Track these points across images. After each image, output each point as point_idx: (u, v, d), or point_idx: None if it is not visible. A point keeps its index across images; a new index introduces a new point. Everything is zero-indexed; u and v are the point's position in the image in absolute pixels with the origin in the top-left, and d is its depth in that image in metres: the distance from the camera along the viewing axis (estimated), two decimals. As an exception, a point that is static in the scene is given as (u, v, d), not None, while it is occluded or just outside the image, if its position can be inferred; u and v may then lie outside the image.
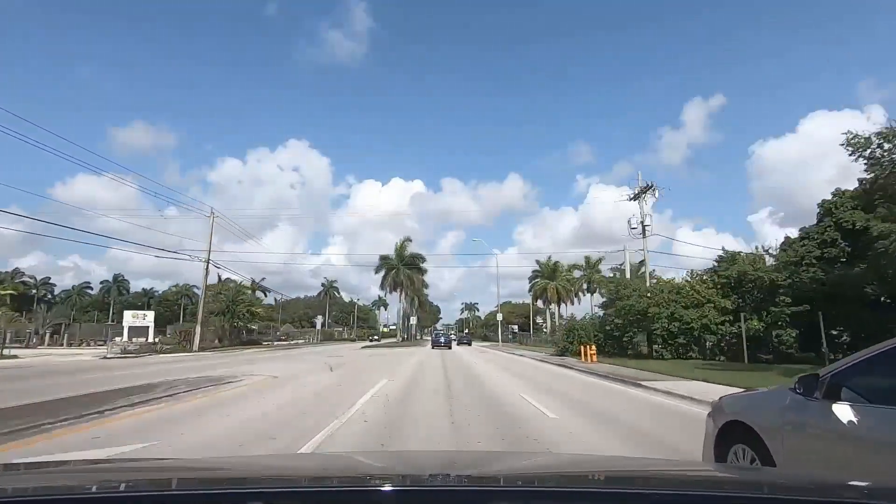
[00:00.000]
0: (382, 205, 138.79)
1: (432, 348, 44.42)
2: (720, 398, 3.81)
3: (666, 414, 7.84)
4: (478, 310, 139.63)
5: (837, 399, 2.83)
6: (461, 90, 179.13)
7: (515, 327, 75.13)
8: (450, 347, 43.00)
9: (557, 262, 62.07)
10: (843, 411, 2.68)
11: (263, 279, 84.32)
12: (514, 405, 8.30)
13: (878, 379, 2.81)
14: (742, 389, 5.47)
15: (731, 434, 3.45)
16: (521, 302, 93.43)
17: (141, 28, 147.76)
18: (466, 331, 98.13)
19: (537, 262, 68.22)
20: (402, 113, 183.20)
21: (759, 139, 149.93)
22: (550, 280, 61.58)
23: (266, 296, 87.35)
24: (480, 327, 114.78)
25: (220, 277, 76.72)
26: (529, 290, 68.38)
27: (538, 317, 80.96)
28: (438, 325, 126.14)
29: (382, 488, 1.18)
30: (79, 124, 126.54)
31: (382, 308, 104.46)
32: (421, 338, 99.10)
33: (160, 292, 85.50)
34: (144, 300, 76.76)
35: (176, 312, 78.70)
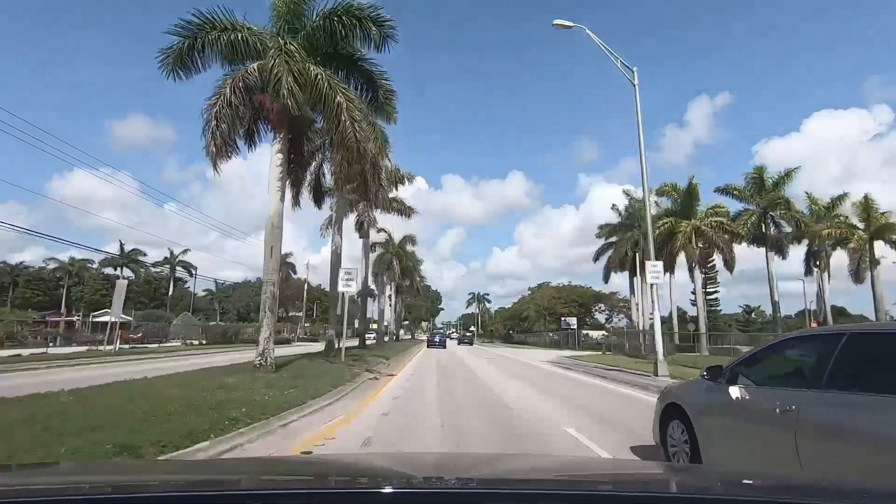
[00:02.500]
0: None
1: (428, 347, 37.88)
2: (666, 386, 4.86)
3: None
4: (489, 301, 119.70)
5: (735, 383, 4.23)
6: (463, 86, 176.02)
7: (573, 322, 54.43)
8: (444, 347, 39.81)
9: (694, 178, 37.04)
10: (737, 392, 4.17)
11: (186, 251, 67.13)
12: None
13: (760, 367, 4.28)
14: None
15: (670, 413, 4.95)
16: (564, 283, 72.15)
17: (138, 20, 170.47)
18: (473, 329, 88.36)
19: (625, 195, 41.47)
20: (404, 108, 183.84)
21: (762, 138, 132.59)
22: (682, 219, 34.94)
23: (192, 275, 69.25)
24: (503, 321, 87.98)
25: (122, 247, 61.41)
26: (598, 257, 43.16)
27: (594, 305, 60.49)
28: (438, 323, 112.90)
29: (382, 490, 1.34)
30: (76, 117, 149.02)
31: (370, 299, 76.85)
32: (413, 336, 75.37)
33: (34, 268, 70.51)
34: (9, 280, 64.79)
35: (56, 297, 65.47)
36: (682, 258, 35.26)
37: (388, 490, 1.30)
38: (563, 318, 57.39)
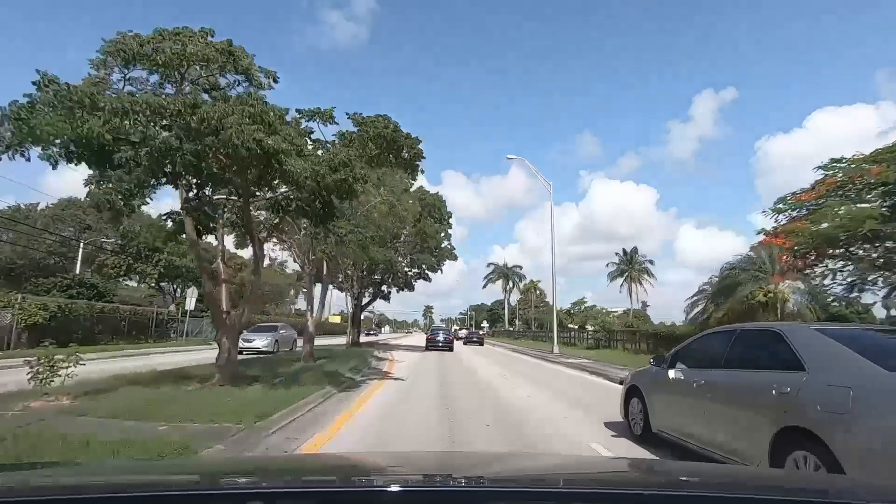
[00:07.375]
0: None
1: (427, 349, 30.52)
2: (628, 374, 6.33)
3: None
4: (519, 279, 72.60)
5: (673, 367, 5.85)
6: (464, 82, 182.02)
7: None
8: (451, 349, 30.48)
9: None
10: (674, 374, 5.77)
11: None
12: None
13: (690, 355, 5.85)
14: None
15: (632, 394, 6.73)
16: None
17: (136, 10, 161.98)
18: (486, 326, 74.39)
19: None
20: (405, 104, 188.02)
21: (765, 134, 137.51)
22: None
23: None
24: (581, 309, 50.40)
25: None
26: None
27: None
28: (438, 320, 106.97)
29: (385, 489, 1.33)
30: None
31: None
32: (355, 339, 33.02)
33: None
34: None
35: None
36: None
37: (391, 489, 1.29)
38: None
